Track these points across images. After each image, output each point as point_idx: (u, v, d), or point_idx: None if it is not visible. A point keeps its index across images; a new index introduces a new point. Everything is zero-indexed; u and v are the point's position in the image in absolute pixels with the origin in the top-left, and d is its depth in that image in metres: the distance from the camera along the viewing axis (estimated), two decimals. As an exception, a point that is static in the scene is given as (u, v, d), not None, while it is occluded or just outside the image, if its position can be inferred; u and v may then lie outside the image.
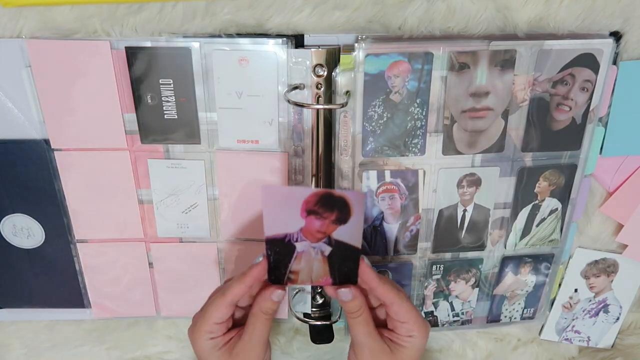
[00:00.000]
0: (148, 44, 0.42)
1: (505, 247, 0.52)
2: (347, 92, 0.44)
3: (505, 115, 0.46)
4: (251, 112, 0.45)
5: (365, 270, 0.41)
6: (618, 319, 0.59)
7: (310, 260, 0.41)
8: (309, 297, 0.54)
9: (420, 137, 0.46)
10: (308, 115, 0.45)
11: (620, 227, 0.54)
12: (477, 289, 0.54)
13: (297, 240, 0.40)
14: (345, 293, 0.41)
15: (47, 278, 0.53)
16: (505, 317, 0.57)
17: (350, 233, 0.39)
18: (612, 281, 0.57)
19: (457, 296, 0.55)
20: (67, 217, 0.49)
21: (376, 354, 0.42)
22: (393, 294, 0.41)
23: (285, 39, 0.42)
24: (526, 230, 0.52)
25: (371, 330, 0.42)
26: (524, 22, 0.43)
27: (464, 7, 0.42)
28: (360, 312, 0.42)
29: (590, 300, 0.58)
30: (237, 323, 0.44)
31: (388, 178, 0.47)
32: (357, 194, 0.38)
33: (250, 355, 0.42)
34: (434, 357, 0.61)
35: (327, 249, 0.40)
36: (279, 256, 0.40)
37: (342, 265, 0.41)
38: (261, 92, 0.44)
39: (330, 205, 0.38)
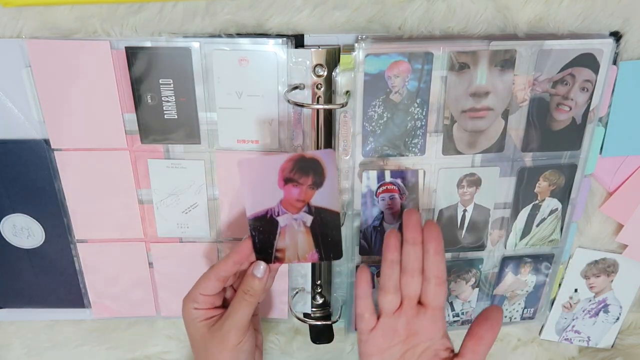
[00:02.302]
0: (148, 44, 0.42)
1: (505, 247, 0.52)
2: (347, 92, 0.44)
3: (505, 115, 0.46)
4: (251, 112, 0.45)
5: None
6: (618, 319, 0.59)
7: (294, 234, 0.42)
8: (309, 297, 0.54)
9: (420, 137, 0.46)
10: (308, 116, 0.45)
11: (620, 227, 0.54)
12: (477, 289, 0.54)
13: (278, 215, 0.41)
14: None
15: (47, 278, 0.53)
16: (505, 317, 0.57)
17: (328, 197, 0.41)
18: (612, 281, 0.57)
19: (457, 296, 0.55)
20: (67, 217, 0.49)
21: None
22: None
23: (285, 39, 0.42)
24: (526, 230, 0.51)
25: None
26: (524, 22, 0.43)
27: (464, 7, 0.42)
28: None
29: (590, 300, 0.58)
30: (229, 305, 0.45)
31: (388, 178, 0.47)
32: (327, 152, 0.40)
33: (226, 335, 0.42)
34: (434, 357, 0.61)
35: (309, 218, 0.42)
36: (263, 235, 0.42)
37: (326, 235, 0.42)
38: (261, 92, 0.44)
39: (305, 169, 0.40)
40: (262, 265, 0.43)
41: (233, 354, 0.43)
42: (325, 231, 0.42)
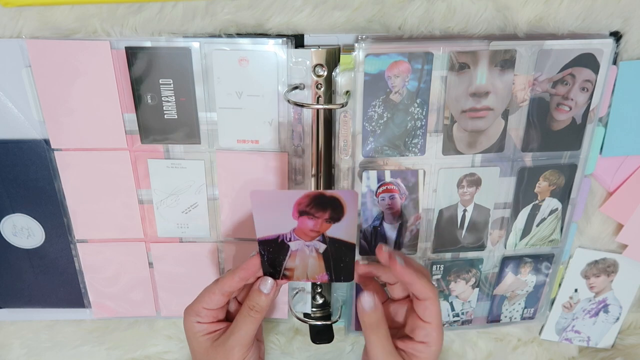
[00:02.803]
0: (148, 44, 0.42)
1: (505, 247, 0.52)
2: (347, 92, 0.44)
3: (505, 115, 0.46)
4: (251, 112, 0.45)
5: (399, 269, 0.40)
6: (618, 319, 0.59)
7: (305, 257, 0.41)
8: (309, 297, 0.54)
9: (420, 137, 0.46)
10: (308, 115, 0.45)
11: (620, 227, 0.54)
12: (477, 289, 0.54)
13: (290, 240, 0.39)
14: (368, 301, 0.40)
15: (47, 278, 0.53)
16: (505, 317, 0.57)
17: (345, 230, 0.39)
18: (612, 281, 0.57)
19: (457, 296, 0.55)
20: (67, 217, 0.49)
21: None
22: (429, 289, 0.40)
23: (285, 39, 0.42)
24: (526, 230, 0.51)
25: (388, 347, 0.41)
26: (524, 22, 0.43)
27: (464, 7, 0.42)
28: (379, 325, 0.40)
29: (590, 300, 0.58)
30: (232, 318, 0.44)
31: (388, 178, 0.47)
32: (350, 193, 0.37)
33: (231, 352, 0.41)
34: (434, 357, 0.61)
35: (322, 247, 0.40)
36: (272, 255, 0.40)
37: (338, 261, 0.41)
38: (261, 92, 0.44)
39: (323, 205, 0.37)
40: (269, 280, 0.41)
41: None
42: (338, 259, 0.40)
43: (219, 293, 0.42)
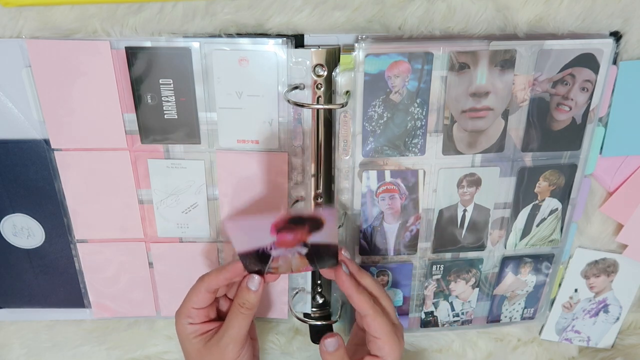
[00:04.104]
0: (148, 44, 0.42)
1: (505, 247, 0.52)
2: (347, 92, 0.44)
3: (505, 115, 0.46)
4: (251, 112, 0.45)
5: (342, 279, 0.41)
6: (618, 319, 0.59)
7: (288, 259, 0.40)
8: (309, 297, 0.54)
9: (420, 137, 0.46)
10: (308, 115, 0.45)
11: (620, 227, 0.54)
12: (477, 289, 0.54)
13: (271, 249, 0.39)
14: (331, 343, 0.41)
15: (47, 278, 0.53)
16: (505, 317, 0.57)
17: (326, 235, 0.38)
18: (612, 281, 0.57)
19: (457, 296, 0.55)
20: (67, 217, 0.49)
21: None
22: (367, 305, 0.41)
23: (285, 39, 0.42)
24: (526, 231, 0.52)
25: None
26: (524, 22, 0.43)
27: (464, 7, 0.42)
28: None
29: (590, 300, 0.58)
30: (224, 317, 0.44)
31: (388, 178, 0.47)
32: (329, 211, 0.37)
33: (224, 350, 0.41)
34: (434, 357, 0.61)
35: (304, 250, 0.39)
36: (255, 261, 0.40)
37: (322, 257, 0.41)
38: (261, 92, 0.44)
39: (302, 222, 0.37)
40: (256, 277, 0.41)
41: None
42: (321, 257, 0.41)
43: (204, 291, 0.42)
